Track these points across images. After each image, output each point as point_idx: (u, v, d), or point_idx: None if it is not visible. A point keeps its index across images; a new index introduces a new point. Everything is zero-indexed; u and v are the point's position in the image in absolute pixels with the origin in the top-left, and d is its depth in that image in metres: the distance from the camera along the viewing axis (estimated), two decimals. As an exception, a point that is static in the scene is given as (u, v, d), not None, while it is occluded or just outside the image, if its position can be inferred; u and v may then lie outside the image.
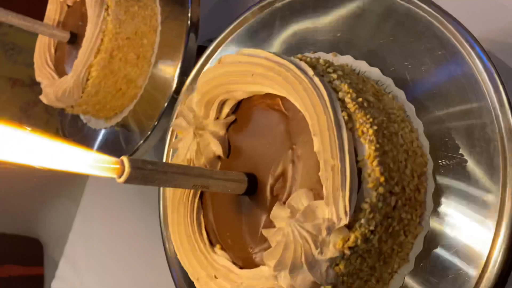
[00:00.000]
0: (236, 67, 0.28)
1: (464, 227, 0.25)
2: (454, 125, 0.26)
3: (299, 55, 0.27)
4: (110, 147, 0.49)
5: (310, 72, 0.25)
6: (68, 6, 0.50)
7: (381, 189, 0.23)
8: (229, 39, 0.39)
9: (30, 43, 0.52)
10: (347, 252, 0.22)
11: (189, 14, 0.44)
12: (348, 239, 0.22)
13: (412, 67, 0.28)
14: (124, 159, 0.22)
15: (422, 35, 0.27)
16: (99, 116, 0.49)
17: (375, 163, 0.23)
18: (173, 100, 0.42)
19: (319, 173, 0.23)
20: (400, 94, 0.27)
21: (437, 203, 0.25)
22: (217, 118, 0.29)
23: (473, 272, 0.24)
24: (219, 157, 0.29)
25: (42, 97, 0.47)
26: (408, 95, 0.27)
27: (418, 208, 0.25)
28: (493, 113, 0.25)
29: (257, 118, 0.28)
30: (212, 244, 0.28)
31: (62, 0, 0.49)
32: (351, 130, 0.23)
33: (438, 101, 0.27)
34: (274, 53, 0.27)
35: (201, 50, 0.58)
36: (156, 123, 0.44)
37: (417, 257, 0.25)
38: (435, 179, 0.25)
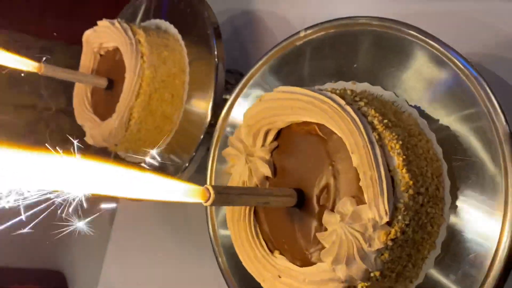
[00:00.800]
0: (276, 103, 0.34)
1: (476, 217, 0.31)
2: (459, 130, 0.32)
3: (328, 88, 0.33)
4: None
5: (342, 102, 0.31)
6: (101, 55, 0.56)
7: (411, 191, 0.29)
8: (256, 75, 0.45)
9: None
10: (390, 243, 0.28)
11: (216, 52, 0.50)
12: (390, 233, 0.28)
13: (415, 87, 0.34)
14: (209, 187, 0.27)
15: (417, 59, 0.34)
16: (139, 151, 0.54)
17: (404, 170, 0.29)
18: (209, 132, 0.48)
19: (360, 183, 0.29)
20: (413, 111, 0.34)
21: (454, 198, 0.31)
22: (262, 145, 0.35)
23: (487, 253, 0.30)
24: (267, 177, 0.35)
25: (88, 139, 0.53)
26: (420, 111, 0.33)
27: (439, 203, 0.31)
28: (488, 116, 0.31)
29: (297, 142, 0.34)
30: (271, 251, 0.34)
31: (96, 51, 0.55)
32: (382, 146, 0.29)
33: (442, 112, 0.33)
34: (309, 88, 0.33)
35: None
36: (194, 154, 0.50)
37: (442, 243, 0.31)
38: (450, 179, 0.31)
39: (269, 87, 0.43)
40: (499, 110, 0.31)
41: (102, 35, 0.54)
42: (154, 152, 0.54)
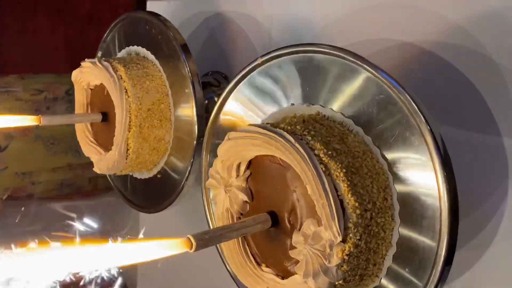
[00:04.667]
0: (241, 140, 0.39)
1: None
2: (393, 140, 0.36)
3: (281, 125, 0.38)
4: (159, 189, 0.61)
5: (292, 139, 0.36)
6: (91, 89, 0.61)
7: (358, 211, 0.34)
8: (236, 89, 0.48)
9: (63, 130, 0.64)
10: (346, 257, 0.34)
11: (187, 69, 0.55)
12: (345, 249, 0.34)
13: (360, 109, 0.38)
14: (190, 237, 0.33)
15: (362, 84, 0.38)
16: (142, 170, 0.61)
17: (349, 195, 0.34)
18: (200, 141, 0.53)
19: (316, 210, 0.35)
20: (359, 129, 0.38)
21: (401, 202, 0.36)
22: (237, 176, 0.41)
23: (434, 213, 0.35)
24: (246, 201, 0.41)
25: (96, 169, 0.59)
26: (365, 130, 0.38)
27: (388, 211, 0.36)
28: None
29: (265, 170, 0.39)
30: (258, 264, 0.40)
31: (86, 87, 0.61)
32: (329, 175, 0.34)
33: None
34: (264, 127, 0.37)
35: (204, 86, 0.69)
36: (190, 167, 0.55)
37: (397, 242, 0.36)
38: (395, 187, 0.36)
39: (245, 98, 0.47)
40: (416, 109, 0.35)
41: (87, 75, 0.58)
42: (155, 169, 0.61)
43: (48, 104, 1.19)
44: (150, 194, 0.63)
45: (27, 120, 0.53)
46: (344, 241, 0.34)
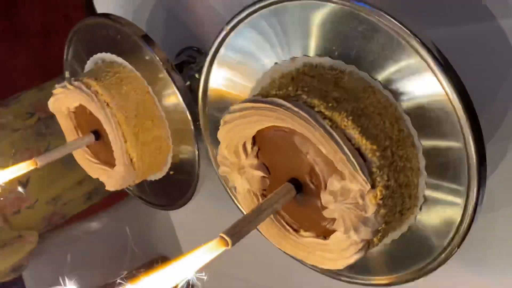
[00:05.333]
0: (238, 120, 0.37)
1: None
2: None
3: (272, 92, 0.36)
4: (177, 185, 0.60)
5: (288, 105, 0.34)
6: (74, 112, 0.59)
7: (377, 153, 0.32)
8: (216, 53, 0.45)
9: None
10: (380, 202, 0.33)
11: (156, 58, 0.52)
12: (377, 194, 0.33)
13: (346, 46, 0.36)
14: (223, 235, 0.33)
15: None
16: (154, 172, 0.60)
17: (364, 140, 0.32)
18: (197, 124, 0.51)
19: (335, 165, 0.33)
20: (352, 68, 0.36)
21: (417, 127, 0.35)
22: (246, 156, 0.39)
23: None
24: (264, 177, 0.40)
25: (109, 188, 0.58)
26: (358, 66, 0.36)
27: (407, 140, 0.34)
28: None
29: (272, 140, 0.38)
30: (296, 231, 0.40)
31: (67, 113, 0.58)
32: (337, 127, 0.33)
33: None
34: (256, 100, 0.36)
35: (181, 66, 0.66)
36: (197, 154, 0.54)
37: (426, 167, 0.35)
38: (407, 113, 0.35)
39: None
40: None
41: (64, 101, 0.56)
42: (166, 167, 0.59)
43: (46, 123, 1.16)
44: (170, 192, 0.62)
45: (23, 168, 0.52)
46: (373, 186, 0.33)
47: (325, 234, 0.38)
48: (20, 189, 1.09)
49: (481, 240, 0.44)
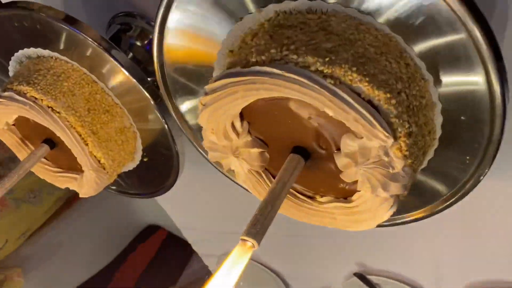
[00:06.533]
0: (219, 102, 0.31)
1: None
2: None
3: (253, 59, 0.30)
4: (156, 170, 0.55)
5: (278, 71, 0.28)
6: (13, 125, 0.51)
7: (392, 101, 0.28)
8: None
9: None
10: (406, 153, 0.29)
11: (88, 39, 0.44)
12: (401, 146, 0.29)
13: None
14: (245, 238, 0.28)
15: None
16: (126, 164, 0.54)
17: (375, 90, 0.28)
18: (158, 101, 0.45)
19: (348, 126, 0.29)
20: (336, 6, 0.30)
21: (423, 58, 0.30)
22: (237, 135, 0.34)
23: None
24: (262, 151, 0.35)
25: (83, 195, 0.52)
26: (342, 3, 0.30)
27: (416, 74, 0.30)
28: None
29: (264, 112, 0.33)
30: (312, 198, 0.36)
31: (6, 128, 0.50)
32: (342, 83, 0.28)
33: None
34: (236, 73, 0.30)
35: (117, 38, 0.58)
36: (169, 133, 0.48)
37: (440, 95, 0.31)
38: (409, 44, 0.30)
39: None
40: None
41: (-1, 117, 0.48)
42: (137, 157, 0.53)
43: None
44: (151, 178, 0.56)
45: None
46: (395, 138, 0.29)
47: (345, 195, 0.34)
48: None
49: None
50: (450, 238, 0.61)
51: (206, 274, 1.43)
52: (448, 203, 0.36)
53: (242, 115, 0.34)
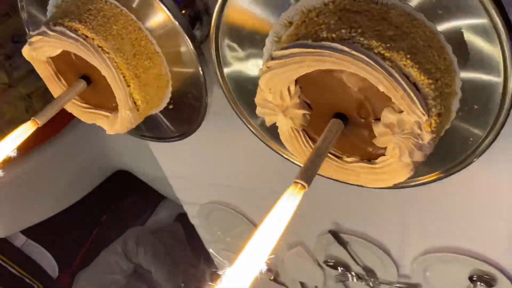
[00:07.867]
0: (285, 68, 0.37)
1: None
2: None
3: (323, 35, 0.35)
4: (180, 116, 0.59)
5: (346, 49, 0.34)
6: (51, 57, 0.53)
7: (432, 86, 0.35)
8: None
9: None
10: (434, 129, 0.36)
11: None
12: (431, 123, 0.36)
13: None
14: (298, 181, 0.35)
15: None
16: (152, 109, 0.58)
17: (421, 76, 0.34)
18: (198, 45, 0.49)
19: (393, 101, 0.35)
20: (395, 1, 0.36)
21: (457, 52, 0.37)
22: (290, 97, 0.40)
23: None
24: (306, 114, 0.41)
25: (110, 132, 0.56)
26: (401, -1, 0.36)
27: (450, 67, 0.37)
28: None
29: (316, 80, 0.39)
30: (339, 157, 0.43)
31: (44, 59, 0.53)
32: (396, 66, 0.34)
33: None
34: (307, 45, 0.35)
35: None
36: (203, 77, 0.52)
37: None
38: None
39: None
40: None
41: (43, 49, 0.50)
42: (163, 103, 0.58)
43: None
44: (173, 124, 0.61)
45: (25, 131, 0.48)
46: (429, 116, 0.36)
47: (370, 157, 0.41)
48: None
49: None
50: (418, 209, 0.70)
51: (173, 220, 1.50)
52: (439, 176, 0.44)
53: (296, 80, 0.39)
